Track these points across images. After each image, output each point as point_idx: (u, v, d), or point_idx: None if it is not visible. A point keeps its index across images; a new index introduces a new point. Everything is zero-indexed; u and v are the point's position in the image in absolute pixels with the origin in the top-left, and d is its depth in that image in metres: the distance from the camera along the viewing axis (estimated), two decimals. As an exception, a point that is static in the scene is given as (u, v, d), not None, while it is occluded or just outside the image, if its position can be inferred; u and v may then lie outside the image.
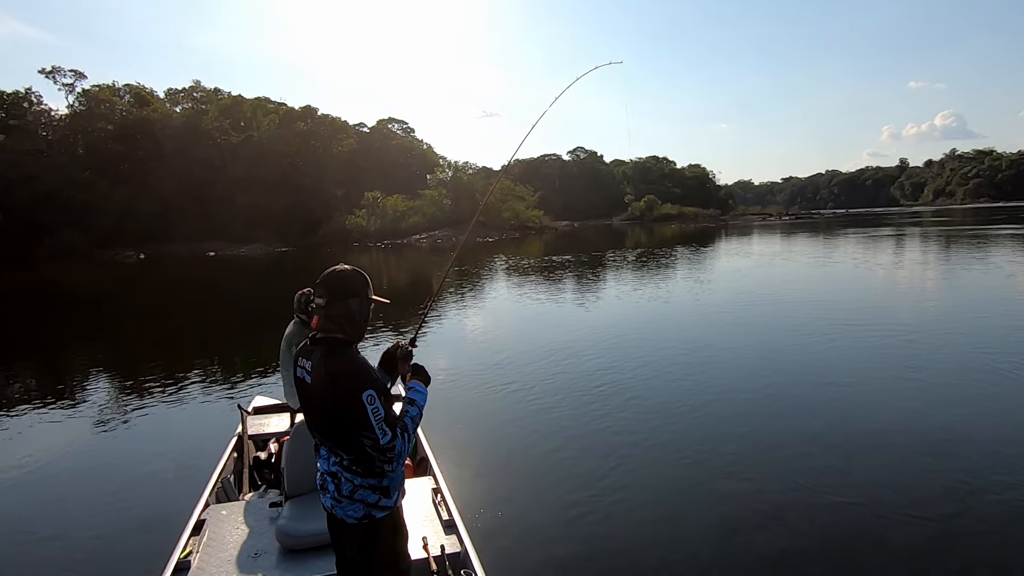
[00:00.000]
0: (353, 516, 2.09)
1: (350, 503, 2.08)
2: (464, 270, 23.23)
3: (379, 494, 2.09)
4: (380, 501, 2.10)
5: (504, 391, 7.14)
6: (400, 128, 74.20)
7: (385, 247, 44.86)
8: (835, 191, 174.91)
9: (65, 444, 6.19)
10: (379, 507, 2.10)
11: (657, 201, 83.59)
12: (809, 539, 3.79)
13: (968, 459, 4.79)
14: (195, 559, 2.82)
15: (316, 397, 2.06)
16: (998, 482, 4.37)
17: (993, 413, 5.79)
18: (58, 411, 7.37)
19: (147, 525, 4.27)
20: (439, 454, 4.03)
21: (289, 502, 3.12)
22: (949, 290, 14.20)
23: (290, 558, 2.82)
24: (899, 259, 21.93)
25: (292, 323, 4.39)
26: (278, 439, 4.40)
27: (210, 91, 60.28)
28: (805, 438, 5.39)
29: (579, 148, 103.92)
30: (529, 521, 4.15)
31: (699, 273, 20.07)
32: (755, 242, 35.41)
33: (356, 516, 2.09)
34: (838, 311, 11.45)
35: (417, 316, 12.33)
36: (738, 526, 3.97)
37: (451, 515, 3.15)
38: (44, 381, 9.56)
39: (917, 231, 38.61)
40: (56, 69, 51.72)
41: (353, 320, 2.10)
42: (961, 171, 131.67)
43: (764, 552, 3.68)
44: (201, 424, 6.60)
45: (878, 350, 8.33)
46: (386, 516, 2.13)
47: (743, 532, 3.91)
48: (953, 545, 3.65)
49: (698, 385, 7.12)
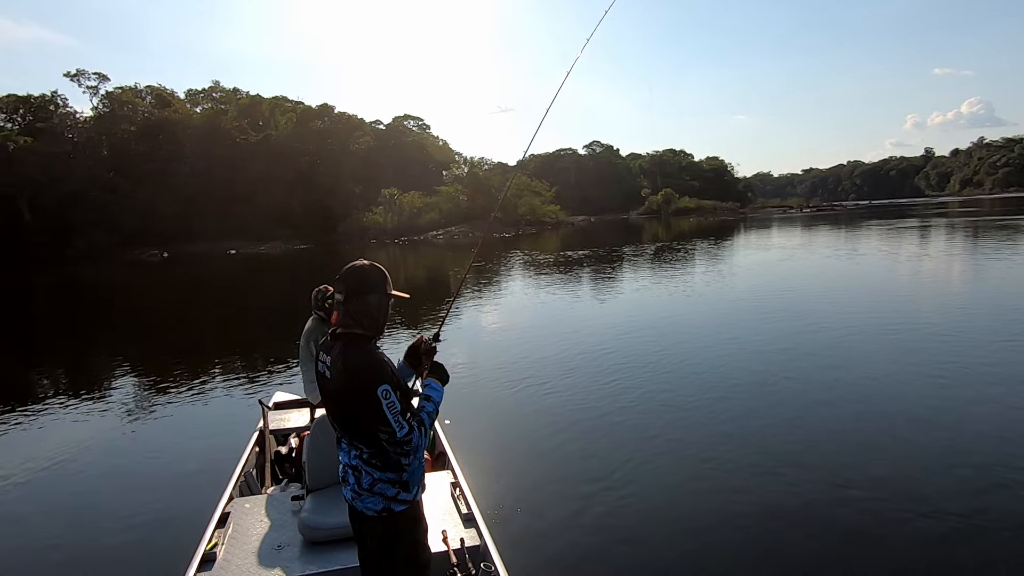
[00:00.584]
0: (373, 509, 2.12)
1: (370, 496, 2.11)
2: (482, 266, 23.29)
3: (398, 488, 2.11)
4: (399, 495, 2.12)
5: (522, 385, 7.16)
6: (416, 125, 74.46)
7: (402, 244, 45.12)
8: (857, 182, 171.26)
9: (93, 439, 6.37)
10: (398, 500, 2.12)
11: (674, 195, 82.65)
12: (834, 536, 3.74)
13: (996, 457, 4.67)
14: (221, 551, 2.87)
15: (335, 392, 2.09)
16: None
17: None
18: (87, 407, 7.57)
19: (173, 517, 4.38)
20: (457, 448, 4.06)
21: (310, 495, 3.17)
22: (976, 283, 13.84)
23: (313, 550, 2.86)
24: (925, 251, 21.43)
25: (310, 319, 4.44)
26: (298, 434, 4.47)
27: (229, 91, 61.18)
28: (827, 434, 5.33)
29: (595, 142, 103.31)
30: (547, 515, 4.17)
31: (718, 267, 19.85)
32: (775, 235, 34.88)
33: (375, 509, 2.11)
34: (861, 306, 11.25)
35: (439, 312, 12.43)
36: (757, 522, 3.94)
37: (470, 509, 3.18)
38: (73, 378, 9.84)
39: (943, 222, 37.65)
40: (80, 72, 52.93)
41: (372, 315, 2.11)
42: (989, 160, 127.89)
43: (780, 547, 3.66)
44: (223, 420, 6.73)
45: (903, 346, 8.16)
46: (405, 510, 2.14)
47: (762, 528, 3.87)
48: (982, 545, 3.57)
49: (717, 380, 7.05)
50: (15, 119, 49.89)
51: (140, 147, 51.27)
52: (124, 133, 52.25)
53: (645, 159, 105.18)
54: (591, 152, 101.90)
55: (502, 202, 57.76)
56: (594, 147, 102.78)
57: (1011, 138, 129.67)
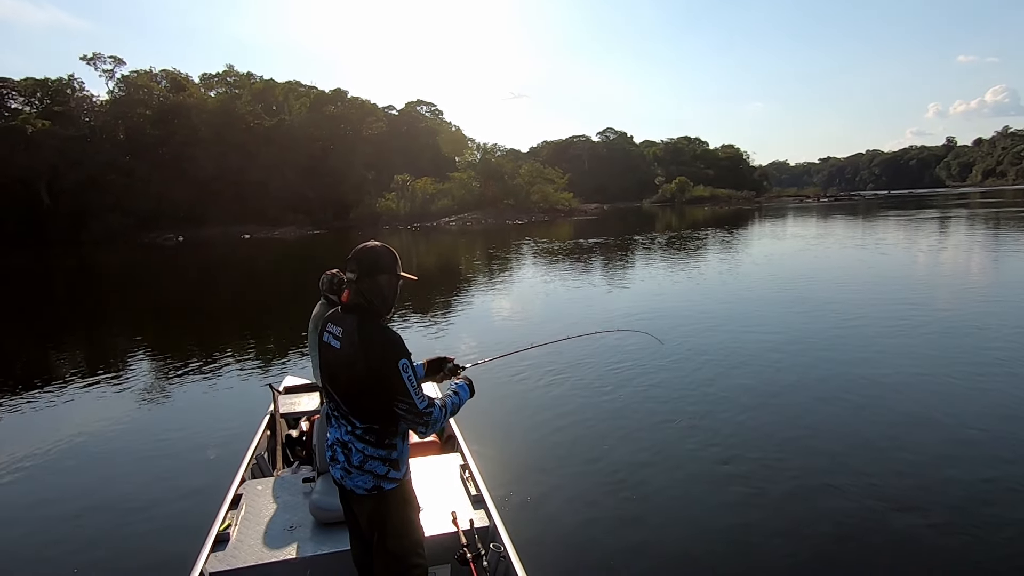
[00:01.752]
0: (363, 487, 2.11)
1: (360, 473, 2.10)
2: (495, 253, 23.28)
3: (388, 466, 2.11)
4: (389, 473, 2.12)
5: (532, 370, 7.15)
6: (429, 110, 74.18)
7: (415, 230, 45.17)
8: (876, 172, 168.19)
9: (107, 420, 6.46)
10: (388, 479, 2.12)
11: (689, 183, 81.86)
12: (858, 539, 3.67)
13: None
14: (234, 532, 2.92)
15: (343, 362, 2.08)
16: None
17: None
18: (100, 388, 7.68)
19: (187, 498, 4.43)
20: (467, 431, 4.07)
21: (321, 477, 3.20)
22: (999, 277, 13.56)
23: (323, 531, 2.90)
24: (946, 243, 21.02)
25: (319, 304, 4.43)
26: (309, 417, 4.50)
27: (243, 76, 61.19)
28: (846, 434, 5.22)
29: (608, 129, 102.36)
30: (556, 497, 4.18)
31: (733, 257, 19.64)
32: (792, 225, 34.42)
33: (365, 487, 2.11)
34: (878, 300, 11.07)
35: (453, 300, 12.37)
36: (768, 514, 3.89)
37: (479, 490, 3.20)
38: (88, 359, 9.99)
39: (964, 213, 36.87)
40: (96, 56, 53.24)
41: (383, 295, 2.14)
42: (1014, 150, 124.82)
43: (794, 548, 3.59)
44: (235, 403, 6.80)
45: (926, 343, 8.02)
46: (395, 488, 2.14)
47: (774, 519, 3.83)
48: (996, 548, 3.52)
49: (731, 371, 6.97)
50: (33, 102, 50.43)
51: (155, 131, 51.63)
52: (140, 117, 52.60)
53: (659, 147, 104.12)
54: (604, 139, 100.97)
55: (515, 189, 57.57)
56: (607, 134, 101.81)
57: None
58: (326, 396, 2.23)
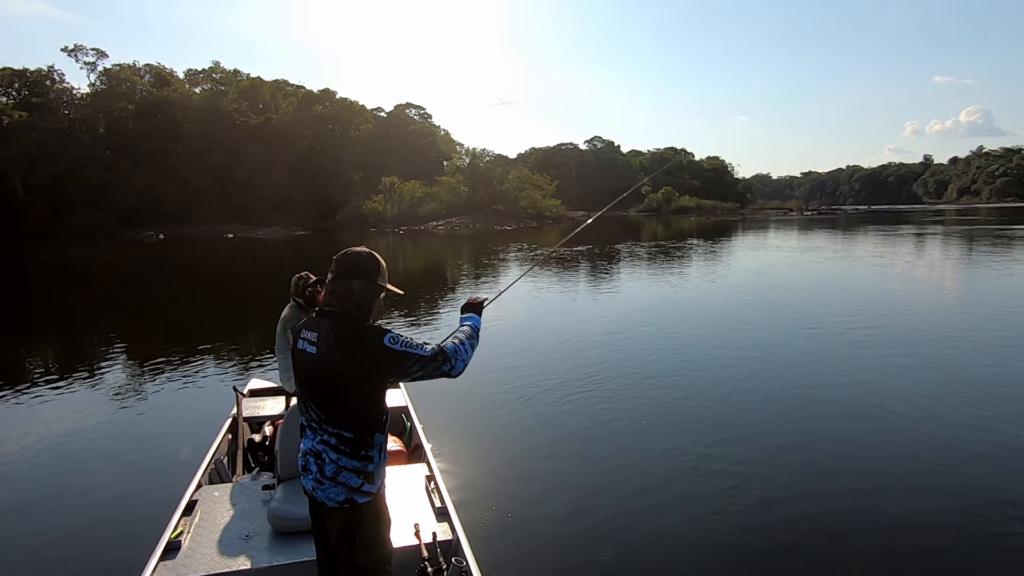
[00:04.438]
0: (334, 499, 2.04)
1: (332, 485, 2.02)
2: (479, 260, 23.18)
3: (363, 479, 2.04)
4: (363, 486, 2.04)
5: (502, 380, 7.03)
6: (417, 113, 74.00)
7: (402, 233, 44.87)
8: (856, 187, 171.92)
9: (58, 421, 6.14)
10: (362, 492, 2.05)
11: (675, 193, 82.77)
12: (813, 550, 3.64)
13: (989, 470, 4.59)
14: (186, 539, 2.82)
15: (320, 365, 1.99)
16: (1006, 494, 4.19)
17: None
18: (54, 387, 7.34)
19: (138, 505, 4.23)
20: (434, 441, 4.00)
21: (282, 485, 3.12)
22: (973, 293, 13.82)
23: (281, 540, 2.82)
24: (925, 259, 21.44)
25: (288, 306, 4.31)
26: (273, 422, 4.39)
27: (229, 72, 60.47)
28: (814, 440, 5.23)
29: (596, 137, 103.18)
30: (522, 511, 4.09)
31: (715, 269, 19.78)
32: (776, 237, 34.86)
33: (337, 500, 2.03)
34: (860, 313, 11.17)
35: (439, 302, 12.17)
36: (727, 520, 3.91)
37: (444, 503, 3.14)
38: (45, 358, 9.61)
39: (940, 230, 37.76)
40: (78, 47, 52.20)
41: (354, 300, 2.05)
42: (988, 169, 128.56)
43: (750, 547, 3.64)
44: (196, 405, 6.55)
45: (901, 353, 8.09)
46: (368, 502, 2.07)
47: (729, 527, 3.85)
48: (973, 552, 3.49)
49: (702, 380, 6.94)
50: (10, 93, 49.18)
51: (138, 126, 50.67)
52: (122, 111, 51.61)
53: (646, 156, 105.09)
54: (592, 147, 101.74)
55: (503, 195, 57.64)
56: (595, 142, 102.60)
57: (1010, 148, 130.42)
58: (302, 405, 2.14)
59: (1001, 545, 3.63)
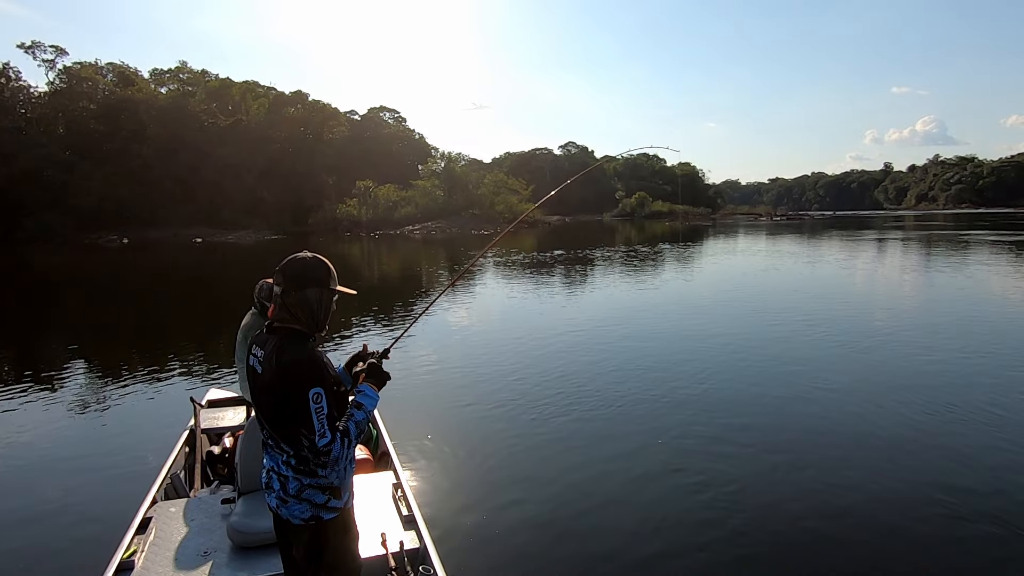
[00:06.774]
0: (299, 516, 1.97)
1: (296, 503, 1.96)
2: (452, 266, 22.99)
3: (328, 494, 1.97)
4: (329, 502, 1.98)
5: (471, 387, 6.96)
6: (392, 117, 73.41)
7: (377, 237, 44.24)
8: (821, 193, 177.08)
9: (6, 430, 5.83)
10: (328, 508, 1.98)
11: (648, 198, 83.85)
12: (782, 549, 3.64)
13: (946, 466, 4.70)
14: (140, 559, 2.70)
15: (266, 388, 1.93)
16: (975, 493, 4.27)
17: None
18: (2, 396, 6.98)
19: (89, 523, 4.01)
20: (401, 449, 3.92)
21: (242, 498, 3.03)
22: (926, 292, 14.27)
23: (241, 556, 2.72)
24: (893, 262, 22.11)
25: (249, 313, 4.17)
26: (233, 433, 4.24)
27: (197, 73, 58.81)
28: (781, 443, 5.28)
29: (570, 143, 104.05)
30: (490, 518, 4.04)
31: (687, 272, 20.02)
32: (750, 241, 35.54)
33: (303, 517, 1.97)
34: (826, 312, 11.40)
35: (400, 318, 11.93)
36: (703, 530, 3.91)
37: (411, 511, 3.10)
38: None
39: (900, 235, 39.17)
40: (36, 44, 50.09)
41: (310, 311, 1.96)
42: (944, 177, 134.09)
43: (725, 551, 3.66)
44: (151, 417, 6.29)
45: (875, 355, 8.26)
46: (335, 518, 2.00)
47: (699, 533, 3.87)
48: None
49: (669, 385, 6.96)
50: (-39, 90, 46.90)
51: (100, 127, 48.87)
52: (83, 111, 49.72)
53: (619, 162, 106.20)
54: (566, 152, 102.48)
55: (479, 199, 57.47)
56: (569, 148, 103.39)
57: (964, 157, 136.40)
58: (260, 422, 2.04)
59: (961, 547, 3.68)
